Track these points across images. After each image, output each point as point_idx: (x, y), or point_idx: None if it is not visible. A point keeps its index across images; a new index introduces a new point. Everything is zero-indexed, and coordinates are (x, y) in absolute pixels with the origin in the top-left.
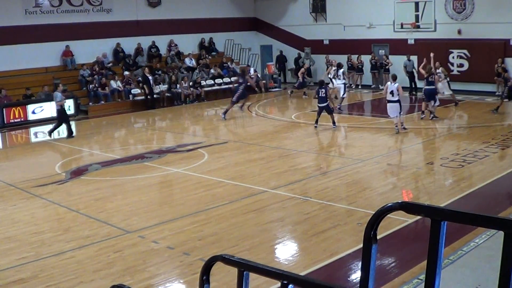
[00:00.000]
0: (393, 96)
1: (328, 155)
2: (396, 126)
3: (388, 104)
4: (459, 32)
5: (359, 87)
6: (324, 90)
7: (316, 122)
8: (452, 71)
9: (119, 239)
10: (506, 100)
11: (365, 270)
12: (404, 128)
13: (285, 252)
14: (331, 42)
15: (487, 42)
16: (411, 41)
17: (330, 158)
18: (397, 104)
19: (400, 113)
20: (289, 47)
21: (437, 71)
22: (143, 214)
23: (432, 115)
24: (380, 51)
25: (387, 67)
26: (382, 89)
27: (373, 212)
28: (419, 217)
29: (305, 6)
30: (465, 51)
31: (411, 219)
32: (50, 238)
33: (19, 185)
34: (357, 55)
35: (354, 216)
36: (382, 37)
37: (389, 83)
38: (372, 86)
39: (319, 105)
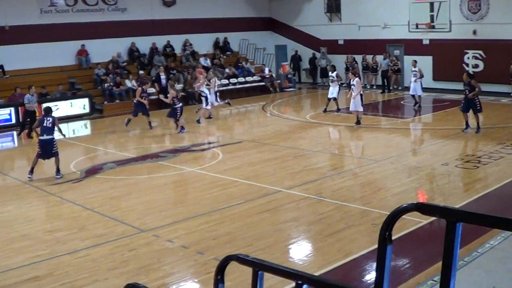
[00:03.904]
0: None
1: (342, 155)
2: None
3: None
4: (474, 32)
5: (374, 87)
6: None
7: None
8: (468, 71)
9: (133, 238)
10: None
11: (380, 271)
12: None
13: (299, 252)
14: (345, 42)
15: (503, 42)
16: (426, 42)
17: (344, 158)
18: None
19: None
20: (303, 47)
21: (413, 69)
22: (157, 213)
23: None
24: (395, 51)
25: (396, 68)
26: (395, 88)
27: (388, 213)
28: (433, 218)
29: (320, 6)
30: (481, 52)
31: (425, 220)
32: (65, 236)
33: (34, 183)
34: (371, 55)
35: (369, 216)
36: (397, 37)
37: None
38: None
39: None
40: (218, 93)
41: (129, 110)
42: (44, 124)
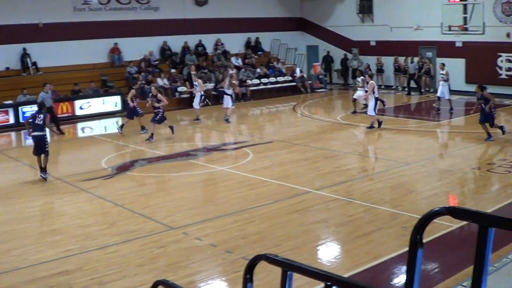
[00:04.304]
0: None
1: (373, 157)
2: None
3: (377, 102)
4: (508, 35)
5: (405, 89)
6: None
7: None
8: (501, 75)
9: (163, 235)
10: None
11: (410, 275)
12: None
13: (328, 254)
14: (377, 43)
15: None
16: (458, 44)
17: (375, 160)
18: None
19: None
20: (335, 48)
21: (441, 72)
22: (187, 211)
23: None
24: (428, 53)
25: (428, 70)
26: (427, 91)
27: (418, 216)
28: (464, 222)
29: (352, 7)
30: None
31: (455, 224)
32: (95, 232)
33: (66, 179)
34: (404, 57)
35: (398, 219)
36: (429, 39)
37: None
38: (416, 89)
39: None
40: (203, 97)
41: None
42: (36, 121)
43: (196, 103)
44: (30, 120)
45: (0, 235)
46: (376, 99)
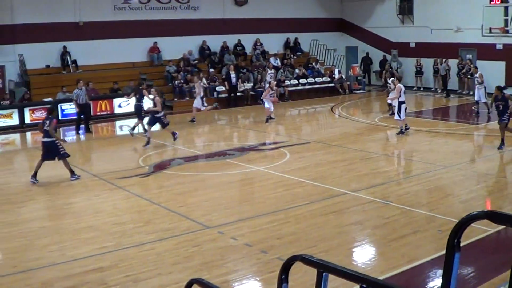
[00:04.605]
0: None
1: (410, 160)
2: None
3: (402, 105)
4: None
5: (444, 91)
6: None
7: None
8: None
9: (198, 234)
10: None
11: (446, 278)
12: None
13: (363, 256)
14: (417, 45)
15: None
16: (499, 46)
17: (412, 162)
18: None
19: None
20: (374, 49)
21: (475, 75)
22: (223, 210)
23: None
24: (468, 55)
25: (469, 72)
26: (467, 93)
27: (455, 220)
28: (501, 227)
29: (392, 8)
30: None
31: (492, 228)
32: (131, 229)
33: (103, 176)
34: (444, 59)
35: (435, 223)
36: (469, 41)
37: (400, 84)
38: (458, 91)
39: None
40: (204, 98)
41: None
42: (44, 127)
43: (199, 104)
44: (41, 126)
45: (39, 231)
46: (401, 103)
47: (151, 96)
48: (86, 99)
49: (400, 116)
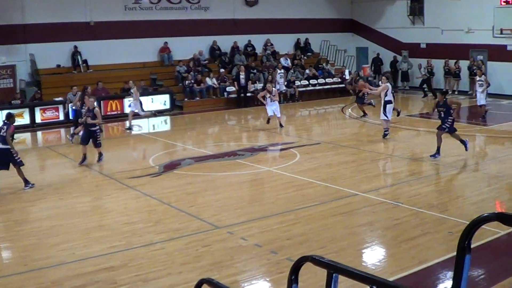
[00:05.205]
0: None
1: (421, 161)
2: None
3: (388, 106)
4: None
5: (456, 93)
6: None
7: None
8: None
9: (208, 234)
10: None
11: (456, 280)
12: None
13: (373, 257)
14: (428, 46)
15: None
16: (510, 47)
17: (423, 163)
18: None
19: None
20: (385, 50)
21: (478, 78)
22: (232, 211)
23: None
24: (478, 56)
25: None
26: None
27: (465, 222)
28: (511, 229)
29: (403, 9)
30: None
31: (503, 230)
32: (141, 229)
33: (114, 176)
34: (454, 60)
35: (446, 224)
36: (480, 42)
37: (388, 84)
38: (469, 92)
39: None
40: (142, 103)
41: (209, 107)
42: (0, 133)
43: (138, 109)
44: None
45: (49, 230)
46: (386, 102)
47: (90, 106)
48: (77, 106)
49: (387, 116)
